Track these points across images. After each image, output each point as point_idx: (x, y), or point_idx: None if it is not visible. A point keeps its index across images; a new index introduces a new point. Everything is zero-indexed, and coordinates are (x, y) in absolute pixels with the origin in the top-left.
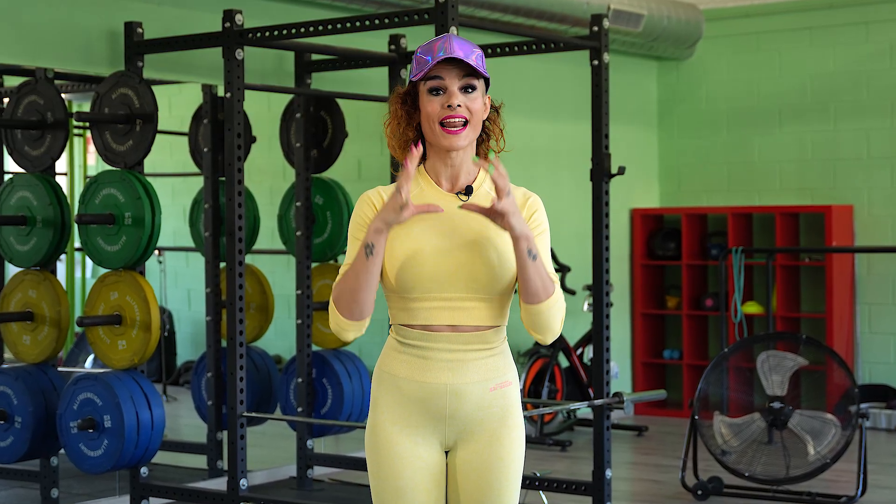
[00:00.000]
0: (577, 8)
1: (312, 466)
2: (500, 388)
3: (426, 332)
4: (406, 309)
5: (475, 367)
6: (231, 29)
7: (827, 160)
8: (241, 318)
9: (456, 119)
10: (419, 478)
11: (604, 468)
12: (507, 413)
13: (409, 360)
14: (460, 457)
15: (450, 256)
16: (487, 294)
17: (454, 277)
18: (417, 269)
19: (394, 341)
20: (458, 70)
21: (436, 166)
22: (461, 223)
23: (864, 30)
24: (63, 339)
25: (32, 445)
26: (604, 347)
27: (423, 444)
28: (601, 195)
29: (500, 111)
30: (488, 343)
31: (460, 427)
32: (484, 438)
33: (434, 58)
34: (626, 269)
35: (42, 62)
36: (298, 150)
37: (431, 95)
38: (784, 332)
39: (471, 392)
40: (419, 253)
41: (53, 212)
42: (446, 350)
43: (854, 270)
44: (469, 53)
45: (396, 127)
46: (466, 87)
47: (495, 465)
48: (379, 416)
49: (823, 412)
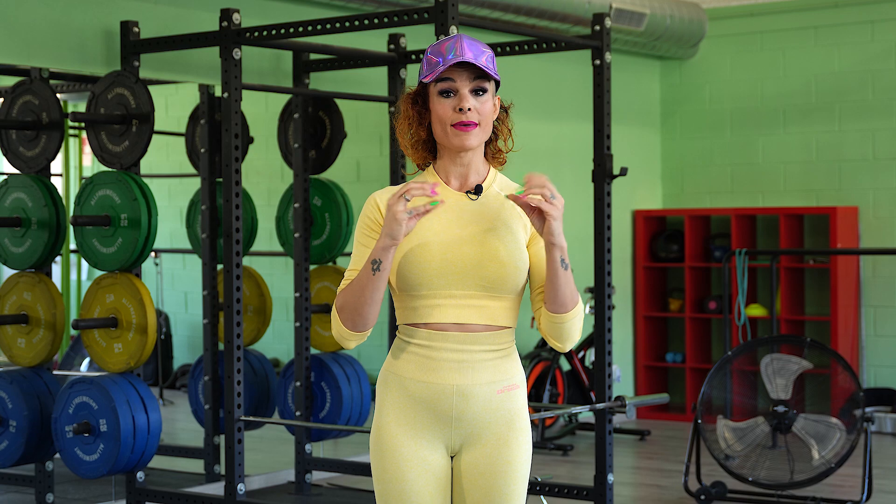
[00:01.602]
0: (579, 7)
1: (311, 471)
2: (507, 390)
3: (433, 330)
4: (412, 307)
5: (483, 367)
6: (228, 28)
7: (832, 161)
8: (238, 321)
9: (467, 122)
10: (424, 481)
11: (606, 473)
12: (515, 416)
13: (416, 359)
14: (467, 460)
15: (458, 253)
16: (497, 292)
17: (463, 274)
18: (424, 266)
19: (400, 342)
20: (468, 73)
21: (446, 166)
22: (470, 220)
23: (869, 29)
24: (58, 342)
25: (27, 450)
26: (606, 350)
27: (429, 447)
28: (603, 196)
29: (508, 111)
30: (498, 344)
31: (467, 430)
32: (491, 442)
33: (445, 60)
34: (628, 271)
35: (37, 62)
36: (296, 151)
37: (442, 97)
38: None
39: (478, 394)
40: (426, 249)
41: (48, 213)
42: (453, 350)
43: (859, 272)
44: (479, 55)
45: (408, 128)
46: (477, 90)
47: (503, 470)
48: (384, 417)
49: (828, 416)
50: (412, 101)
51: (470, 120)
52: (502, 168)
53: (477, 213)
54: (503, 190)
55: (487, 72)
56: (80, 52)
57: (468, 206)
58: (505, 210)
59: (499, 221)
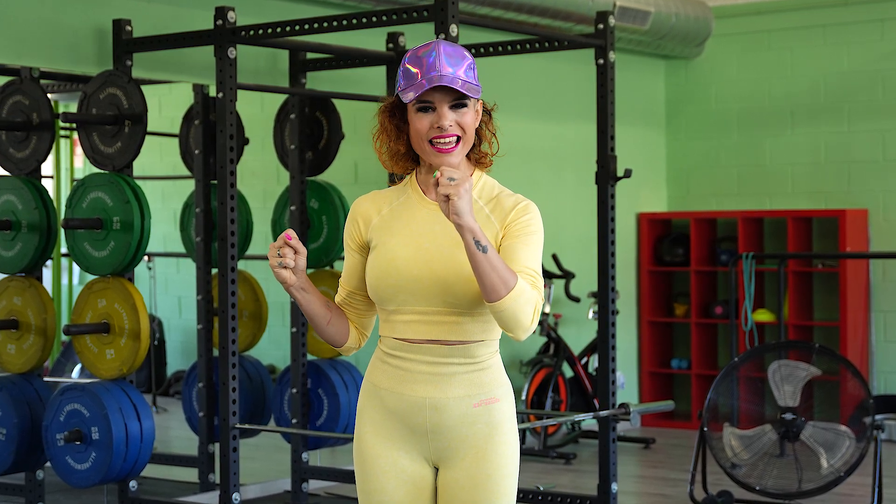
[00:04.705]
0: (582, 5)
1: (307, 480)
2: (485, 404)
3: (406, 342)
4: (387, 321)
5: (458, 381)
6: (223, 26)
7: (841, 162)
8: (233, 327)
9: (447, 139)
10: (403, 491)
11: (609, 482)
12: (494, 429)
13: (391, 371)
14: (447, 476)
15: (425, 269)
16: (466, 308)
17: (429, 291)
18: (391, 281)
19: (380, 352)
20: (448, 92)
21: (426, 178)
22: (439, 235)
23: (879, 27)
24: (49, 347)
25: (17, 458)
26: (609, 357)
27: (406, 457)
28: (607, 199)
29: (492, 114)
30: (473, 357)
31: (443, 443)
32: (470, 455)
33: (423, 74)
34: (632, 275)
35: (27, 61)
36: (293, 153)
37: (420, 112)
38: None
39: (452, 407)
40: (392, 264)
41: (39, 216)
42: (426, 363)
43: (869, 277)
44: (458, 66)
45: (386, 140)
46: (457, 105)
47: (482, 483)
48: (363, 427)
49: (837, 424)
50: (389, 114)
51: (450, 134)
52: (489, 170)
53: (448, 226)
54: (482, 197)
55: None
56: (71, 50)
57: (440, 218)
58: (478, 221)
59: None
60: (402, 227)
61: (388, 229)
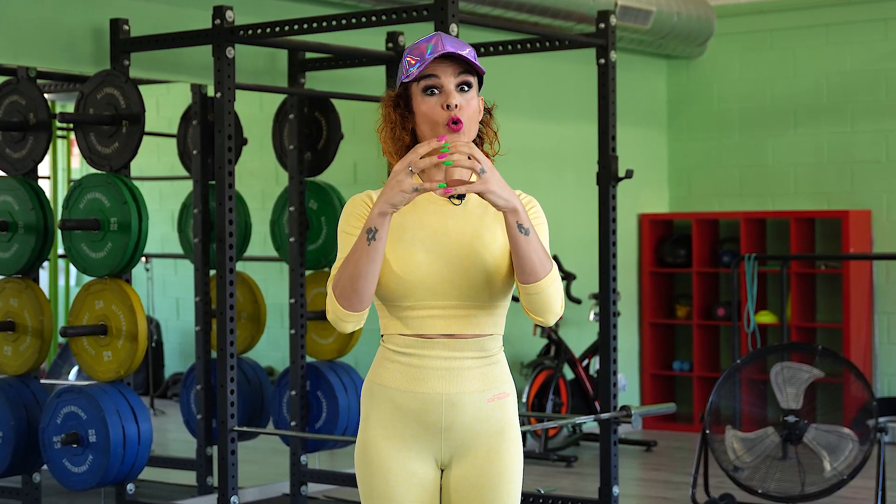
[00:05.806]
0: (583, 4)
1: (306, 483)
2: (497, 399)
3: (421, 339)
4: (399, 317)
5: (472, 375)
6: (221, 26)
7: (844, 163)
8: (231, 328)
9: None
10: (413, 496)
11: (611, 485)
12: (505, 426)
13: (402, 369)
14: (457, 474)
15: (444, 263)
16: (484, 301)
17: (449, 285)
18: (410, 276)
19: (385, 351)
20: (453, 67)
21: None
22: (455, 228)
23: (882, 27)
24: (46, 349)
25: (14, 461)
26: (611, 359)
27: (417, 459)
28: (608, 200)
29: (492, 112)
30: (485, 351)
31: (457, 441)
32: (482, 453)
33: (425, 59)
34: (633, 276)
35: (24, 61)
36: (292, 153)
37: (426, 95)
38: (799, 343)
39: (468, 403)
40: (411, 259)
41: (36, 217)
42: (441, 357)
43: (872, 278)
44: (461, 48)
45: (391, 132)
46: (462, 85)
47: (494, 481)
48: (370, 431)
49: (840, 426)
50: (394, 105)
51: (458, 117)
52: None
53: (461, 221)
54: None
55: (473, 64)
56: (68, 50)
57: (453, 212)
58: (488, 215)
59: (483, 227)
60: (413, 224)
61: (400, 228)
